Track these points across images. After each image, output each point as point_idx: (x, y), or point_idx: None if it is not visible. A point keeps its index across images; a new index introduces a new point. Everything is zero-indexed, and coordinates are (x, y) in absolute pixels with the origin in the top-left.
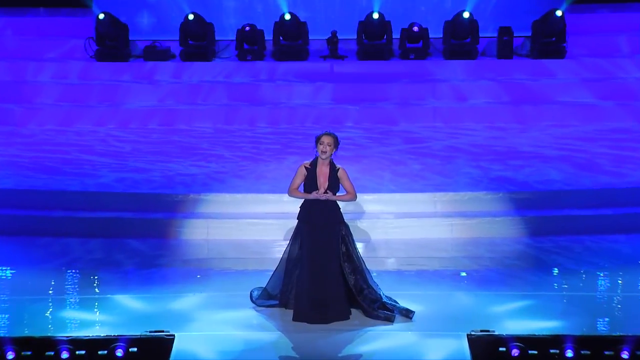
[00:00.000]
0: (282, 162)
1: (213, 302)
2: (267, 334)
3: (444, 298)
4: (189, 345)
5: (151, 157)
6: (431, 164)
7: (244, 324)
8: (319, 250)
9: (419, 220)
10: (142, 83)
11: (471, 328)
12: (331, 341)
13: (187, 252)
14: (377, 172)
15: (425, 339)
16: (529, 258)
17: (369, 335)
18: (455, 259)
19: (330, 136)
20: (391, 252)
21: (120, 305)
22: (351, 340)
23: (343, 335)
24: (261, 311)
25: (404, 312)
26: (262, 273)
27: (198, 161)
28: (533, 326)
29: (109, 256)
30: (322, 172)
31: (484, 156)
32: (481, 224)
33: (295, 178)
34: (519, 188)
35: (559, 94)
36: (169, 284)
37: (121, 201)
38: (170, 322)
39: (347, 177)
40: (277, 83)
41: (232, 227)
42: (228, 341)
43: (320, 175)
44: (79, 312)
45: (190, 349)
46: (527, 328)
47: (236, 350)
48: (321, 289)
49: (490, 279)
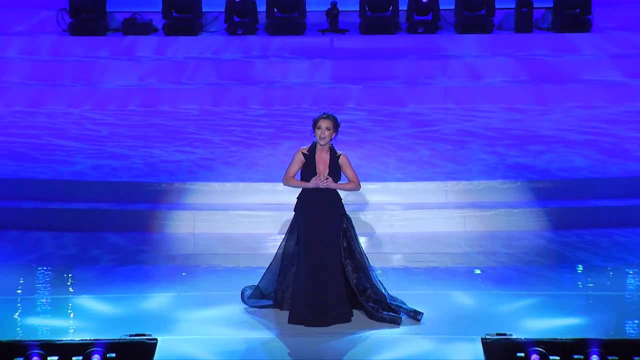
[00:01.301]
0: (276, 147)
1: (200, 303)
2: (261, 338)
3: (456, 298)
4: (173, 350)
5: (131, 142)
6: (442, 150)
7: (234, 326)
8: (318, 246)
9: (428, 212)
10: (120, 60)
11: (486, 331)
12: (332, 345)
13: (172, 248)
14: (382, 158)
15: (435, 344)
16: (550, 254)
17: (372, 339)
18: (468, 255)
19: (328, 119)
20: (397, 247)
21: (97, 306)
22: (353, 344)
23: (344, 339)
24: (253, 312)
25: (411, 313)
26: (254, 270)
27: (183, 146)
28: (555, 329)
29: (84, 252)
30: (322, 158)
31: (501, 141)
32: (497, 216)
33: (291, 165)
34: (540, 176)
35: (584, 72)
36: (151, 282)
37: (98, 191)
38: (153, 325)
39: (349, 164)
40: (271, 60)
41: (221, 219)
42: (216, 345)
43: (319, 162)
44: (51, 314)
45: (175, 354)
46: (548, 331)
47: (225, 355)
48: (320, 289)
49: (508, 277)
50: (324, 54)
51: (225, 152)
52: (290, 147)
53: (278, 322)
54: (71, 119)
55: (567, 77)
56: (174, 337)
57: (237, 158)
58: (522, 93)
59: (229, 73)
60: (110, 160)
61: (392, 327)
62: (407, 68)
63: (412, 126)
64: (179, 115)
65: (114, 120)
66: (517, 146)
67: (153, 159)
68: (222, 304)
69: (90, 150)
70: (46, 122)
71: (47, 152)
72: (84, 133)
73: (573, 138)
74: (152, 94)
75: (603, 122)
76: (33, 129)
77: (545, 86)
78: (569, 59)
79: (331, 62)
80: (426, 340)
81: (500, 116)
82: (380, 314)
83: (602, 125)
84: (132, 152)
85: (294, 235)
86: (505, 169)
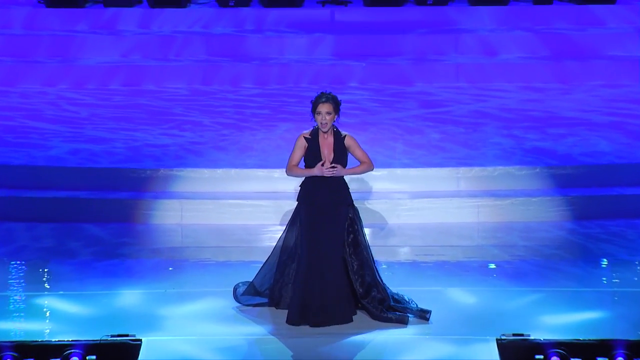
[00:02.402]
0: (272, 130)
1: (188, 300)
2: (255, 339)
3: (469, 295)
4: (159, 352)
5: (113, 125)
6: (453, 133)
7: (226, 326)
8: (321, 239)
9: (438, 201)
10: (101, 34)
11: (501, 332)
12: (334, 348)
13: (157, 240)
14: (387, 142)
15: (446, 345)
16: (572, 247)
17: (377, 341)
18: (482, 248)
19: (328, 103)
20: (404, 239)
21: (76, 304)
22: (357, 347)
23: (347, 341)
24: (247, 311)
25: (418, 312)
26: (247, 265)
27: (170, 129)
28: (577, 329)
29: (61, 244)
30: (326, 142)
31: (518, 123)
32: (514, 206)
33: (293, 153)
34: (561, 162)
35: (609, 47)
36: (135, 278)
37: (76, 178)
38: (137, 325)
39: (357, 144)
40: (266, 34)
41: (212, 209)
42: (206, 347)
43: (323, 146)
44: (25, 313)
45: (161, 356)
46: (569, 331)
47: (216, 357)
48: (320, 288)
49: (525, 272)
50: (324, 28)
51: (216, 136)
52: (287, 129)
53: (275, 322)
54: (47, 98)
55: (591, 52)
56: (159, 338)
57: (229, 142)
58: (541, 70)
59: (220, 49)
60: (90, 145)
61: (398, 327)
62: (416, 43)
63: (421, 107)
64: (165, 95)
65: (94, 101)
66: (536, 129)
67: (137, 143)
68: (213, 302)
69: (68, 133)
70: (19, 102)
71: (20, 135)
72: (61, 114)
73: (597, 120)
74: (136, 71)
75: (630, 102)
76: (5, 110)
77: (566, 63)
78: (592, 33)
79: (332, 37)
80: (436, 342)
81: (517, 96)
82: (385, 314)
83: (629, 105)
84: (113, 135)
85: (296, 227)
86: (523, 154)
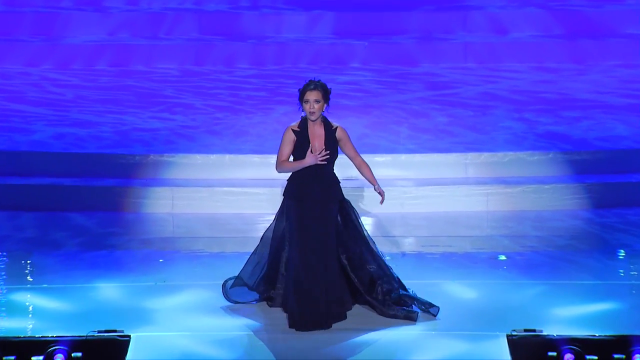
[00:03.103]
0: (268, 113)
1: (180, 294)
2: (252, 335)
3: (477, 289)
4: (149, 349)
5: (100, 107)
6: (461, 116)
7: (221, 321)
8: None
9: (444, 189)
10: (86, 11)
11: (512, 327)
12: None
13: (147, 230)
14: (391, 126)
15: (454, 341)
16: (587, 237)
17: (383, 337)
18: (491, 238)
19: (316, 90)
20: (409, 229)
21: (61, 298)
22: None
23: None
24: (242, 306)
25: (424, 307)
26: (243, 257)
27: (160, 112)
28: (592, 324)
29: (45, 235)
30: (316, 134)
31: (530, 106)
32: (525, 194)
33: (282, 147)
34: (575, 147)
35: (627, 25)
36: (123, 270)
37: (61, 164)
38: (125, 320)
39: (349, 138)
40: (262, 11)
41: (205, 197)
42: (199, 344)
43: (313, 139)
44: (6, 307)
45: (150, 353)
46: (584, 327)
47: (210, 356)
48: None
49: (537, 265)
50: (323, 5)
51: (209, 119)
52: (284, 113)
53: (271, 317)
54: (30, 79)
55: (608, 30)
56: (149, 334)
57: (223, 126)
58: (554, 50)
59: (214, 27)
60: (76, 129)
61: (404, 324)
62: (421, 21)
63: (427, 89)
64: (155, 76)
65: (80, 82)
66: (549, 112)
67: (125, 126)
68: (206, 295)
69: (52, 116)
70: (0, 84)
71: (1, 119)
72: (45, 96)
73: (614, 102)
74: (124, 51)
75: None
76: None
77: (581, 41)
78: (609, 10)
79: (332, 14)
80: (443, 338)
81: (529, 77)
82: (392, 310)
83: None
84: (100, 118)
85: (284, 221)
86: (535, 139)
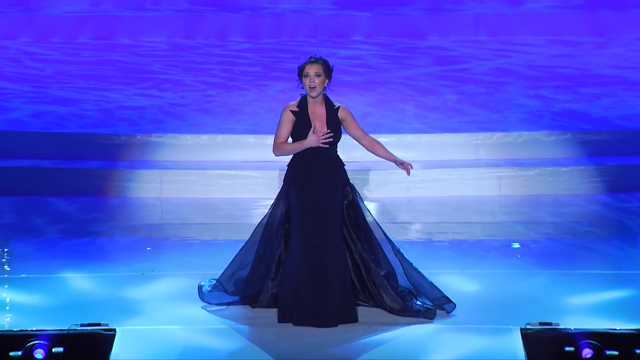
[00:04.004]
0: (264, 90)
1: (169, 285)
2: (247, 331)
3: (489, 279)
4: (136, 343)
5: (82, 83)
6: (472, 94)
7: (213, 315)
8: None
9: (454, 172)
10: None
11: (526, 320)
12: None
13: (133, 216)
14: (396, 104)
15: (463, 335)
16: (607, 223)
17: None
18: (504, 225)
19: (317, 63)
20: (415, 215)
21: (40, 289)
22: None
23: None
24: None
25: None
26: (236, 245)
27: (147, 89)
28: (612, 317)
29: (24, 220)
30: (317, 114)
31: (546, 82)
32: (541, 177)
33: (279, 128)
34: (595, 126)
35: None
36: (107, 259)
37: (41, 144)
38: (110, 312)
39: (354, 118)
40: None
41: (196, 180)
42: (190, 339)
43: (314, 119)
44: None
45: (137, 348)
46: (603, 320)
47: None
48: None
49: (554, 253)
50: None
51: (200, 97)
52: (281, 90)
53: (268, 315)
54: (7, 54)
55: (630, 1)
56: (136, 327)
57: (216, 104)
58: (573, 21)
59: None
60: (56, 106)
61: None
62: None
63: (435, 64)
64: (142, 50)
65: (60, 56)
66: (567, 88)
67: (109, 104)
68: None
69: (31, 93)
70: None
71: None
72: (23, 72)
73: (637, 78)
74: (108, 23)
75: None
76: None
77: (602, 12)
78: None
79: None
80: (452, 333)
81: (545, 51)
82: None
83: None
84: (83, 96)
85: (279, 213)
86: (552, 117)
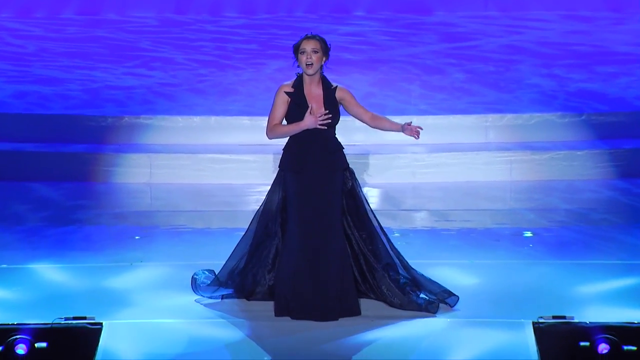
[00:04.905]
0: (260, 69)
1: (159, 276)
2: (240, 324)
3: (499, 269)
4: (123, 338)
5: (66, 62)
6: (481, 73)
7: (205, 308)
8: (315, 215)
9: (462, 156)
10: None
11: (539, 314)
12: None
13: (121, 202)
14: (401, 84)
15: (472, 329)
16: (624, 210)
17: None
18: (515, 212)
19: (314, 39)
20: (421, 202)
21: (22, 280)
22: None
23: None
24: None
25: (444, 294)
26: (231, 233)
27: (136, 67)
28: (630, 311)
29: (4, 207)
30: (313, 94)
31: (560, 60)
32: (554, 161)
33: (274, 109)
34: (611, 107)
35: None
36: (93, 249)
37: (23, 126)
38: (97, 305)
39: (353, 97)
40: None
41: (187, 165)
42: (180, 334)
43: (310, 99)
44: None
45: (125, 343)
46: (620, 313)
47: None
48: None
49: (567, 242)
50: None
51: (192, 76)
52: (278, 69)
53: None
54: None
55: None
56: (123, 321)
57: (209, 84)
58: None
59: None
60: (39, 86)
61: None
62: None
63: (442, 41)
64: (129, 26)
65: (43, 32)
66: (582, 67)
67: (96, 84)
68: (188, 277)
69: (12, 72)
70: None
71: None
72: (3, 49)
73: None
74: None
75: None
76: None
77: None
78: None
79: None
80: (460, 326)
81: (559, 27)
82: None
83: None
84: (67, 74)
85: (276, 201)
86: (566, 98)
